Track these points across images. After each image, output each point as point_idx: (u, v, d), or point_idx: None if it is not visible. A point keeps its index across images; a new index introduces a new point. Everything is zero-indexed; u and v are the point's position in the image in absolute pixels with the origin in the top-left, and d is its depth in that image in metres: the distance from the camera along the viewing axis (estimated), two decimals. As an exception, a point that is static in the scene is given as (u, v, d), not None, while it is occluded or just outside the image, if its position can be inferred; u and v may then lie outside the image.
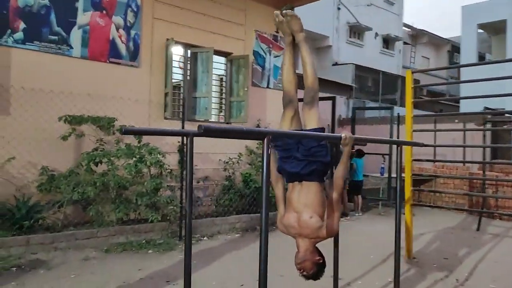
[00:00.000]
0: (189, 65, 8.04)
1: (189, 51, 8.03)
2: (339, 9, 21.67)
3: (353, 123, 11.14)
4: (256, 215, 7.43)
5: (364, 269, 5.28)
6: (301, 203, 2.89)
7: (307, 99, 3.15)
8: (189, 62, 8.04)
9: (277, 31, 9.03)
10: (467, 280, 5.03)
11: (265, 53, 9.18)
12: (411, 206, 5.96)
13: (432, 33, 30.00)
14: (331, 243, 3.67)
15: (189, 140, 2.77)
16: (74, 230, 5.92)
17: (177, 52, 7.94)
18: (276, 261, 4.20)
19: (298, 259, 2.84)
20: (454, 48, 29.18)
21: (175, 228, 6.46)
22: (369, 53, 23.08)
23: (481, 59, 21.99)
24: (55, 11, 6.41)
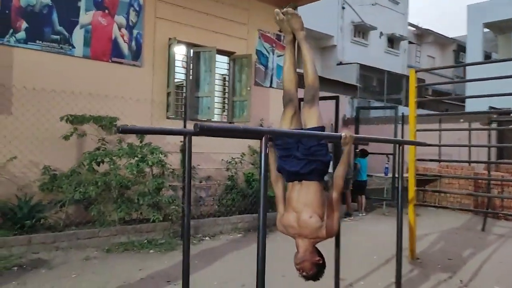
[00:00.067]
0: (191, 64, 8.02)
1: (191, 51, 8.01)
2: (343, 8, 21.58)
3: (357, 122, 11.08)
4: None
5: (367, 270, 5.24)
6: (301, 202, 2.85)
7: (307, 97, 3.12)
8: (191, 62, 8.02)
9: (280, 30, 8.97)
10: (471, 281, 4.97)
11: (268, 52, 9.14)
12: (415, 206, 5.91)
13: (438, 33, 29.84)
14: (332, 243, 3.64)
15: (187, 139, 2.74)
16: (75, 229, 5.92)
17: (179, 51, 7.91)
18: (278, 261, 4.17)
19: (297, 259, 2.81)
20: (460, 48, 28.99)
21: (177, 228, 6.45)
22: (374, 53, 22.97)
23: (487, 59, 21.81)
24: (57, 10, 6.41)
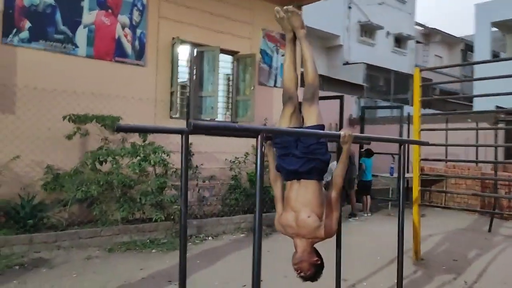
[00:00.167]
0: (195, 64, 8.00)
1: (195, 50, 7.99)
2: (350, 8, 21.48)
3: (362, 122, 11.00)
4: (262, 215, 7.35)
5: (370, 270, 5.18)
6: (299, 202, 2.81)
7: (307, 95, 3.09)
8: (195, 61, 8.00)
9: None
10: (476, 282, 4.90)
11: (272, 51, 9.10)
12: (420, 207, 5.84)
13: (445, 32, 29.62)
14: (333, 243, 3.59)
15: (184, 138, 2.71)
16: (78, 229, 5.93)
17: (183, 51, 7.90)
18: (280, 261, 4.14)
19: (295, 259, 2.77)
20: (468, 47, 28.74)
21: (179, 227, 6.42)
22: (380, 52, 22.83)
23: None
24: (61, 10, 6.42)
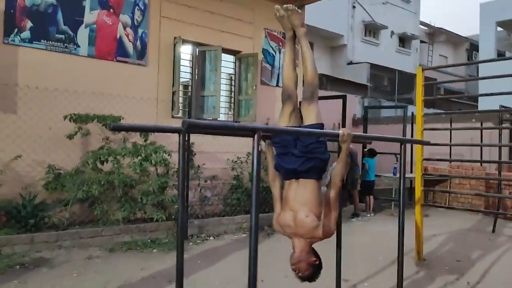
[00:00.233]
0: (197, 63, 7.98)
1: (197, 50, 7.98)
2: (354, 7, 21.41)
3: (365, 122, 10.94)
4: (263, 215, 7.31)
5: (372, 271, 5.14)
6: (298, 201, 2.80)
7: (306, 94, 3.08)
8: (197, 61, 7.98)
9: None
10: (479, 283, 4.85)
11: (274, 51, 9.07)
12: (422, 207, 5.79)
13: (450, 31, 29.45)
14: (334, 243, 3.57)
15: (181, 137, 2.69)
16: (79, 228, 5.92)
17: (185, 50, 7.89)
18: (281, 261, 4.10)
19: (293, 259, 2.76)
20: (473, 47, 28.58)
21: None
22: (384, 52, 22.75)
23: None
24: (62, 10, 6.43)
